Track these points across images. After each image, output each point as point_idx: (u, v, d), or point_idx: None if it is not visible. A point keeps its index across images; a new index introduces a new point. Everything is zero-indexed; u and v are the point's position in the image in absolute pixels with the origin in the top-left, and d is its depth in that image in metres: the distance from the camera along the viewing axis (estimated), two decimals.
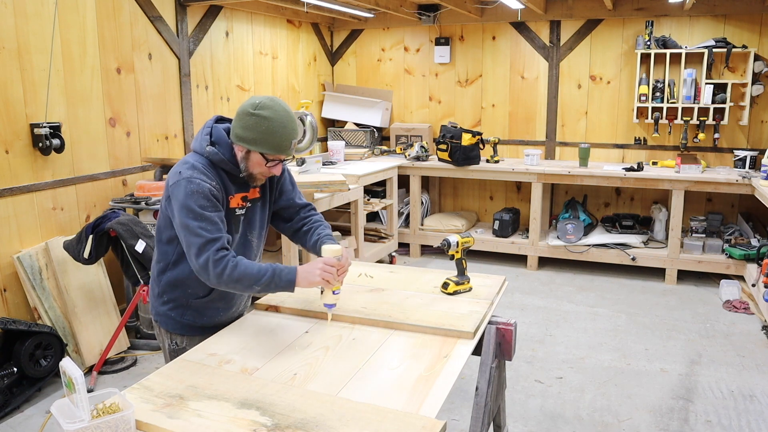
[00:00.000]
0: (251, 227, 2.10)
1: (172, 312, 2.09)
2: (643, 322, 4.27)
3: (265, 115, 1.86)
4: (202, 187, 1.85)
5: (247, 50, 5.31)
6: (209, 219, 1.84)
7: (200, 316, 2.09)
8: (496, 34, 5.96)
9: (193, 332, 2.10)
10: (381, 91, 6.44)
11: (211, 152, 1.92)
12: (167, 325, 2.11)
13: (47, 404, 3.19)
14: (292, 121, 1.92)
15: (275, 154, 1.91)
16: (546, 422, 3.02)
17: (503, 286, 2.38)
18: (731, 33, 5.15)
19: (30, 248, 3.49)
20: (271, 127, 1.86)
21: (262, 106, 1.87)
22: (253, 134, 1.87)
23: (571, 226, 5.27)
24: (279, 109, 1.89)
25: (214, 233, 1.83)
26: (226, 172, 1.96)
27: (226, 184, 1.96)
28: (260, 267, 1.84)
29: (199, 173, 1.88)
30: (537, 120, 5.94)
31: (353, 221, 5.02)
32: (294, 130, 1.92)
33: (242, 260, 1.85)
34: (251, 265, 1.84)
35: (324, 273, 1.85)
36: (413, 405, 1.51)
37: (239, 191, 2.01)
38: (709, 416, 3.06)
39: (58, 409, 1.47)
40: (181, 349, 2.07)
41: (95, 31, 3.88)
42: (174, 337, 2.12)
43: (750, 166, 5.04)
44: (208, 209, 1.85)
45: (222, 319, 2.12)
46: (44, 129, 3.50)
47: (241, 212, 2.04)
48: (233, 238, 2.01)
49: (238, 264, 1.82)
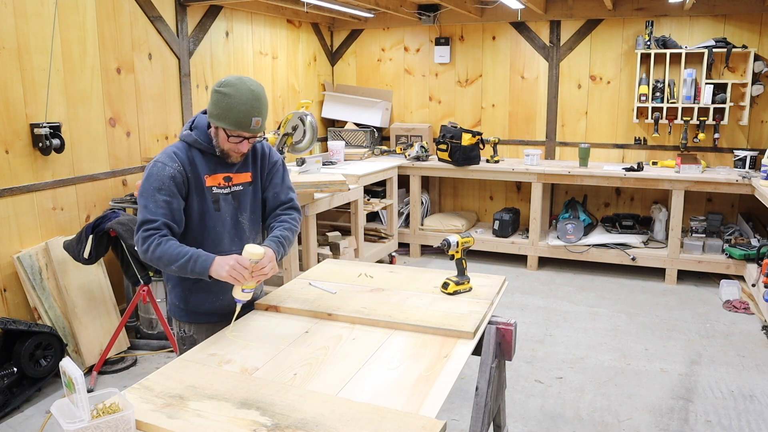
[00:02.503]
0: (242, 209, 2.17)
1: (176, 300, 2.18)
2: (643, 322, 4.27)
3: (225, 92, 1.94)
4: (163, 171, 1.98)
5: (247, 50, 5.31)
6: (155, 201, 1.96)
7: (202, 300, 2.15)
8: (496, 34, 5.96)
9: (200, 319, 2.17)
10: (381, 91, 6.44)
11: (186, 135, 2.06)
12: (175, 313, 2.20)
13: (47, 404, 3.19)
14: (255, 100, 1.96)
15: (235, 130, 1.97)
16: (546, 422, 3.02)
17: (503, 286, 2.38)
18: (731, 33, 5.15)
19: (30, 248, 3.49)
20: (230, 103, 1.93)
21: (225, 84, 1.96)
22: (216, 110, 1.97)
23: (571, 226, 5.27)
24: (242, 87, 1.94)
25: (152, 215, 1.94)
26: (202, 152, 2.06)
27: (200, 165, 2.05)
28: (182, 250, 1.92)
29: (167, 158, 2.00)
30: (537, 120, 5.94)
31: (353, 221, 5.02)
32: (255, 108, 1.96)
33: (168, 241, 1.94)
34: (174, 247, 1.93)
35: (232, 270, 1.89)
36: (413, 405, 1.51)
37: (221, 171, 2.09)
38: (709, 416, 3.06)
39: (58, 409, 1.47)
40: (189, 337, 2.18)
41: (95, 31, 3.88)
42: (182, 325, 2.21)
43: (750, 166, 5.04)
44: (160, 192, 1.96)
45: (225, 303, 2.12)
46: (44, 129, 3.50)
47: (224, 191, 2.10)
48: (216, 215, 2.09)
49: (161, 243, 1.92)
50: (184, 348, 2.15)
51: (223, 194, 2.11)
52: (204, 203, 2.07)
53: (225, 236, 2.12)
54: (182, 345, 2.20)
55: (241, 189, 2.16)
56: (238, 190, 2.14)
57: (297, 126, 4.55)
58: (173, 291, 2.18)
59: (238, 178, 2.14)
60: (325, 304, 2.15)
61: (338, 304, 2.15)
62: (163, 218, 1.95)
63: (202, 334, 2.09)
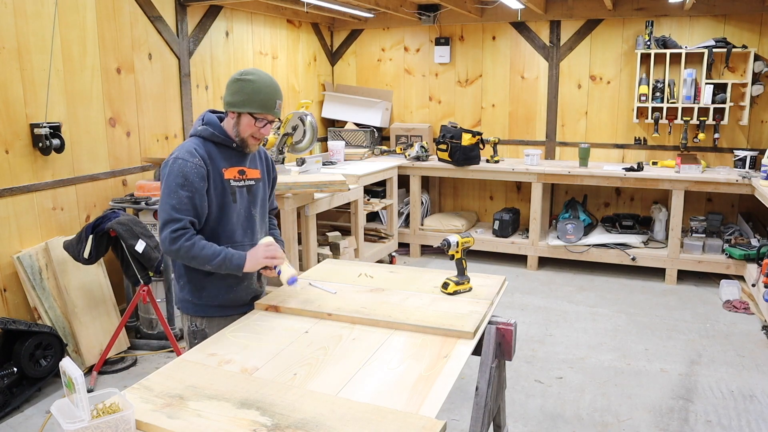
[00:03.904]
0: (254, 203, 2.26)
1: (189, 295, 2.21)
2: (643, 322, 4.27)
3: (249, 79, 2.08)
4: (185, 167, 2.04)
5: (247, 50, 5.31)
6: (179, 198, 2.02)
7: (216, 294, 2.19)
8: (496, 34, 5.96)
9: (211, 312, 2.22)
10: (381, 91, 6.44)
11: (202, 130, 2.14)
12: (187, 309, 2.24)
13: (47, 404, 3.19)
14: (275, 85, 2.13)
15: (263, 112, 2.09)
16: (546, 422, 3.02)
17: (503, 286, 2.38)
18: (731, 33, 5.15)
19: (30, 248, 3.49)
20: (256, 87, 2.07)
21: (246, 72, 2.10)
22: (241, 97, 2.08)
23: (571, 226, 5.27)
24: (262, 74, 2.11)
25: (177, 213, 2.01)
26: (218, 145, 2.15)
27: (217, 159, 2.14)
28: (215, 250, 2.04)
29: (186, 153, 2.06)
30: (537, 120, 5.94)
31: (353, 221, 5.02)
32: (278, 91, 2.12)
33: (199, 241, 2.03)
34: (206, 247, 2.03)
35: (266, 253, 2.06)
36: (413, 405, 1.51)
37: (236, 164, 2.19)
38: (709, 416, 3.06)
39: (58, 409, 1.47)
40: (200, 330, 2.22)
41: (95, 31, 3.88)
42: (194, 319, 2.25)
43: (750, 166, 5.04)
44: (183, 188, 2.02)
45: (238, 295, 2.22)
46: (44, 129, 3.50)
47: (239, 184, 2.20)
48: (233, 207, 2.17)
49: (194, 244, 2.01)
50: (195, 342, 2.19)
51: (239, 187, 2.19)
52: (224, 195, 2.14)
53: (238, 228, 2.20)
54: (193, 339, 2.24)
55: (254, 183, 2.25)
56: (251, 184, 2.24)
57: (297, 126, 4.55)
58: (185, 287, 2.22)
59: (251, 173, 2.24)
60: (325, 304, 2.14)
61: (338, 304, 2.14)
62: (188, 216, 2.03)
63: (214, 328, 2.12)
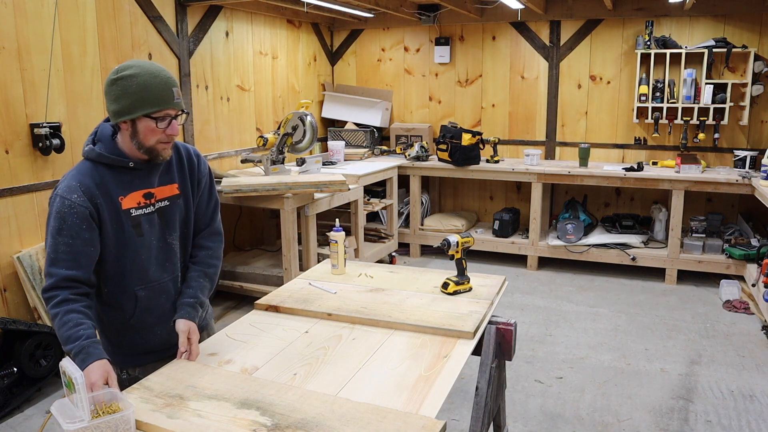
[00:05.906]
0: (171, 227, 1.87)
1: (109, 346, 1.88)
2: (643, 322, 4.27)
3: (130, 74, 1.67)
4: (62, 207, 1.67)
5: (247, 50, 5.31)
6: (56, 247, 1.68)
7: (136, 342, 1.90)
8: (496, 34, 5.96)
9: (140, 360, 1.92)
10: (381, 91, 6.44)
11: (88, 151, 1.75)
12: (115, 359, 1.83)
13: (47, 404, 3.19)
14: (164, 70, 1.73)
15: (160, 108, 1.69)
16: (546, 422, 3.02)
17: (503, 286, 2.38)
18: (731, 33, 5.15)
19: (30, 248, 3.49)
20: (142, 81, 1.66)
21: (123, 68, 1.69)
22: (127, 100, 1.67)
23: (571, 226, 5.27)
24: (144, 64, 1.71)
25: (51, 267, 1.68)
26: (111, 168, 1.74)
27: (112, 186, 1.74)
28: (70, 334, 1.61)
29: (65, 189, 1.69)
30: (537, 120, 5.94)
31: (353, 221, 5.02)
32: (170, 78, 1.72)
33: (62, 314, 1.64)
34: (67, 324, 1.63)
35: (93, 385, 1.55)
36: (413, 405, 1.51)
37: (138, 188, 1.78)
38: (709, 416, 3.06)
39: (58, 409, 1.47)
40: (136, 378, 1.82)
41: (95, 31, 3.88)
42: (126, 369, 1.93)
43: (750, 166, 5.04)
44: (61, 234, 1.67)
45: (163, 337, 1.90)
46: (44, 129, 3.50)
47: (146, 211, 1.80)
48: (140, 242, 1.79)
49: (56, 315, 1.65)
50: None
51: (146, 215, 1.79)
52: (121, 230, 1.76)
53: (151, 264, 1.83)
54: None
55: (168, 204, 1.85)
56: (163, 206, 1.84)
57: (297, 126, 4.55)
58: (101, 337, 1.86)
59: (162, 192, 1.83)
60: (325, 304, 2.15)
61: (338, 304, 2.15)
62: (62, 270, 1.66)
63: (150, 372, 1.74)
